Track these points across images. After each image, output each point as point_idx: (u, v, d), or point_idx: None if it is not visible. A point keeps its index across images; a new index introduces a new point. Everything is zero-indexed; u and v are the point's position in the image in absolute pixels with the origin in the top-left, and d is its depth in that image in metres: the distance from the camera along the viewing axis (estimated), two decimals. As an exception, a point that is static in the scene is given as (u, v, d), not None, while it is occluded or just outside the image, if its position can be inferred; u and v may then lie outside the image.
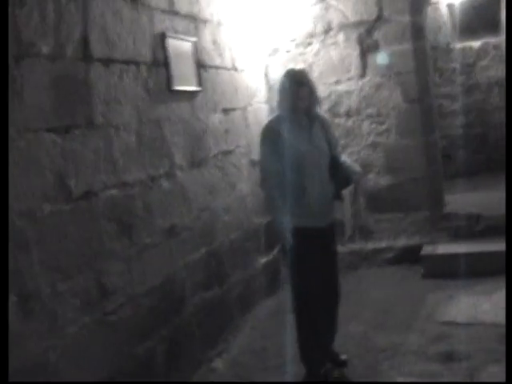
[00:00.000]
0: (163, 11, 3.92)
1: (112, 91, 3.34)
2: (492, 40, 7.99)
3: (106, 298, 3.18)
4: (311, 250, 3.55)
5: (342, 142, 5.56)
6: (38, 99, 2.78)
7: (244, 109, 5.16)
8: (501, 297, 4.56)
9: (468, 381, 3.51)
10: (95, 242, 3.13)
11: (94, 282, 3.10)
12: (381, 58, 5.48)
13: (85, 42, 3.13)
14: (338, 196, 3.70)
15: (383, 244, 5.62)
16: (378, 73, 5.48)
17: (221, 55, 4.76)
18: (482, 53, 8.00)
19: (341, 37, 5.55)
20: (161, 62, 3.85)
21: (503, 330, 3.98)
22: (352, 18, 5.50)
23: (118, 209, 3.34)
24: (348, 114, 5.64)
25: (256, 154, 5.29)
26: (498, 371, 3.49)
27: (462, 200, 5.98)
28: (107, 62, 3.31)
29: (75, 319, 2.93)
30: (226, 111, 4.78)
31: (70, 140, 2.97)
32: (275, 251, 5.60)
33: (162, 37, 3.87)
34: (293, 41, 5.70)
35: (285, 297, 5.25)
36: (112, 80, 3.35)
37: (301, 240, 3.48)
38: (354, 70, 5.55)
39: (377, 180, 5.62)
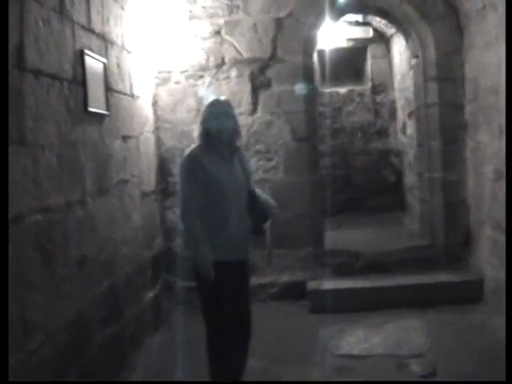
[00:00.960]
0: (82, 27, 3.67)
1: (40, 107, 3.03)
2: (357, 88, 8.56)
3: (29, 334, 2.83)
4: (229, 284, 3.50)
5: (231, 176, 5.53)
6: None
7: (137, 137, 4.96)
8: (390, 329, 4.82)
9: None
10: (21, 272, 2.78)
11: (17, 317, 2.73)
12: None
13: (19, 48, 2.82)
14: (258, 230, 3.69)
15: (267, 279, 5.64)
16: (268, 110, 5.57)
17: (122, 80, 4.55)
18: (347, 99, 8.52)
19: (233, 72, 5.58)
20: (79, 80, 3.58)
21: (399, 360, 4.24)
22: (246, 54, 5.56)
23: (41, 236, 3.01)
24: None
25: (146, 185, 5.13)
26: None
27: (336, 237, 6.23)
28: (37, 73, 3.01)
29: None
30: (124, 138, 4.56)
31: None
32: (159, 285, 5.41)
33: (81, 54, 3.61)
34: (183, 72, 5.62)
35: (170, 333, 5.11)
36: (41, 94, 3.04)
37: (219, 274, 3.39)
38: (245, 105, 5.59)
39: (264, 216, 5.64)
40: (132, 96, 4.83)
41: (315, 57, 7.50)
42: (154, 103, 5.57)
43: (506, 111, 2.25)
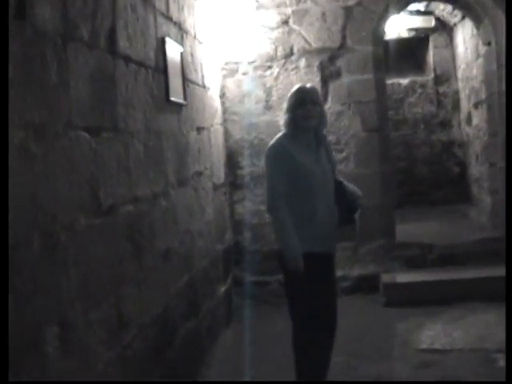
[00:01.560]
0: (162, 14, 3.61)
1: (130, 94, 2.97)
2: (419, 78, 8.37)
3: (124, 329, 2.77)
4: (317, 276, 3.37)
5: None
6: (80, 91, 2.39)
7: (209, 129, 4.89)
8: (470, 323, 4.66)
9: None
10: (116, 264, 2.72)
11: (115, 311, 2.68)
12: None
13: (112, 34, 2.77)
14: (348, 220, 3.56)
15: (339, 273, 5.49)
16: (338, 100, 5.45)
17: (195, 70, 4.49)
18: (409, 90, 8.34)
19: (302, 62, 5.47)
20: (161, 68, 3.53)
21: (485, 355, 4.08)
22: (315, 44, 5.46)
23: (133, 227, 2.95)
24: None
25: (217, 178, 5.07)
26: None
27: (404, 230, 6.06)
28: (127, 60, 2.96)
29: (102, 354, 2.50)
30: (198, 130, 4.50)
31: (100, 143, 2.58)
32: (230, 279, 5.36)
33: (163, 42, 3.55)
34: (251, 63, 5.54)
35: (242, 327, 5.04)
36: (130, 81, 2.99)
37: (308, 266, 3.28)
38: (316, 96, 5.47)
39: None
40: (204, 87, 4.77)
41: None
42: (222, 95, 5.50)
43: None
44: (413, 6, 7.36)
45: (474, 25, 6.16)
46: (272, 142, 3.46)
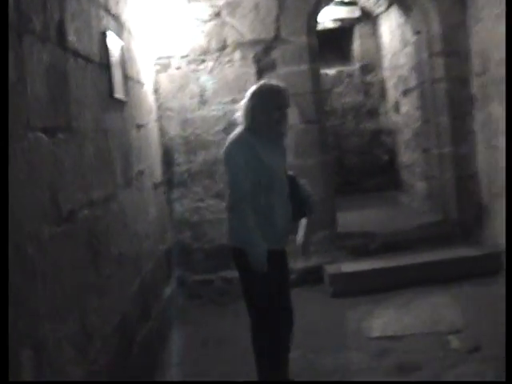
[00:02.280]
0: (102, 7, 3.42)
1: (80, 91, 2.79)
2: (346, 68, 8.44)
3: (89, 343, 2.60)
4: (277, 273, 3.34)
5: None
6: (37, 88, 2.20)
7: (146, 126, 4.72)
8: (419, 307, 4.73)
9: None
10: (78, 274, 2.55)
11: (80, 324, 2.51)
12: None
13: (61, 27, 2.57)
14: (300, 216, 3.53)
15: (283, 266, 5.49)
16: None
17: (132, 66, 4.31)
18: (336, 80, 8.39)
19: (237, 55, 5.37)
20: (104, 63, 3.34)
21: (438, 338, 4.15)
22: (249, 36, 5.36)
23: (90, 233, 2.78)
24: (249, 135, 5.46)
25: (155, 177, 4.91)
26: (459, 373, 3.61)
27: (343, 219, 6.10)
28: (76, 54, 2.77)
29: (71, 373, 2.33)
30: (138, 127, 4.32)
31: (56, 145, 2.39)
32: (174, 280, 5.22)
33: (104, 36, 3.36)
34: (184, 57, 5.38)
35: (191, 328, 4.92)
36: (80, 77, 2.80)
37: (268, 264, 3.21)
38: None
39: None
40: (139, 82, 4.59)
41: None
42: (156, 91, 5.32)
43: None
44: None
45: (402, 14, 6.26)
46: (233, 137, 3.31)
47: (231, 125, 5.39)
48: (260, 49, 5.38)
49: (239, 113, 3.35)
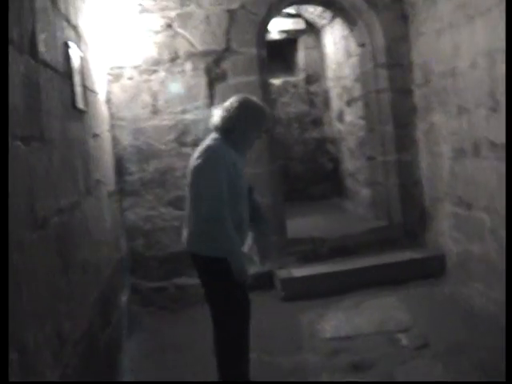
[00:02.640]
0: (64, 17, 3.46)
1: (50, 101, 2.84)
2: (291, 79, 8.65)
3: (63, 347, 2.65)
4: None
5: (191, 171, 5.50)
6: (15, 98, 2.24)
7: (101, 136, 4.75)
8: (369, 309, 4.93)
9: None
10: (52, 280, 2.60)
11: (55, 329, 2.55)
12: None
13: (33, 38, 2.62)
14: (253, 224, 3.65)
15: (236, 272, 5.60)
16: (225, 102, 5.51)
17: (88, 76, 4.34)
18: (282, 90, 8.58)
19: (188, 66, 5.47)
20: (68, 74, 3.38)
21: (389, 336, 4.35)
22: (200, 47, 5.47)
23: (59, 240, 2.82)
24: (195, 144, 5.48)
25: (109, 186, 4.94)
26: (410, 368, 3.82)
27: (292, 226, 6.27)
28: (45, 65, 2.81)
29: (49, 377, 2.38)
30: (94, 137, 4.36)
31: (31, 153, 2.44)
32: (128, 287, 5.25)
33: (66, 46, 3.41)
34: (136, 67, 5.44)
35: (143, 336, 4.95)
36: (49, 87, 2.85)
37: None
38: (202, 99, 5.51)
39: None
40: (94, 92, 4.62)
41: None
42: (108, 100, 5.35)
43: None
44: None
45: (346, 27, 6.50)
46: (212, 146, 3.30)
47: (183, 134, 5.51)
48: (211, 60, 5.50)
49: (217, 118, 3.40)
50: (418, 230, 5.88)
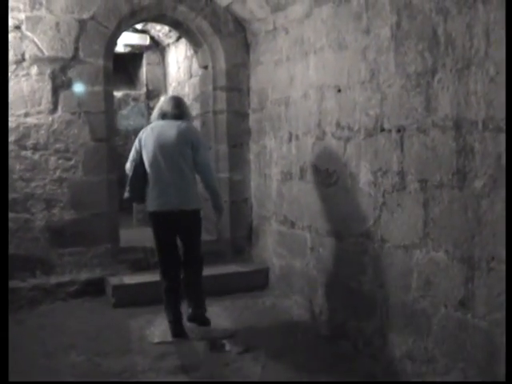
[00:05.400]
0: None
1: None
2: (132, 92, 8.72)
3: None
4: None
5: (28, 175, 5.52)
6: None
7: None
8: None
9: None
10: None
11: None
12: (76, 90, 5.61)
13: None
14: None
15: (66, 278, 5.62)
16: (68, 109, 5.55)
17: None
18: (122, 103, 8.63)
19: (34, 69, 5.42)
20: None
21: (214, 342, 4.63)
22: (47, 52, 5.44)
23: None
24: (35, 148, 5.51)
25: None
26: (233, 370, 4.13)
27: (125, 235, 6.39)
28: None
29: None
30: None
31: None
32: None
33: None
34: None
35: None
36: None
37: None
38: (46, 104, 5.48)
39: (61, 215, 5.63)
40: None
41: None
42: None
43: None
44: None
45: (190, 48, 6.80)
46: (191, 126, 4.67)
47: (23, 137, 5.45)
48: (58, 66, 5.49)
49: (173, 109, 4.64)
50: (245, 245, 6.28)
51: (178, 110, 4.64)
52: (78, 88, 5.53)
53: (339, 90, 4.40)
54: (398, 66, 3.72)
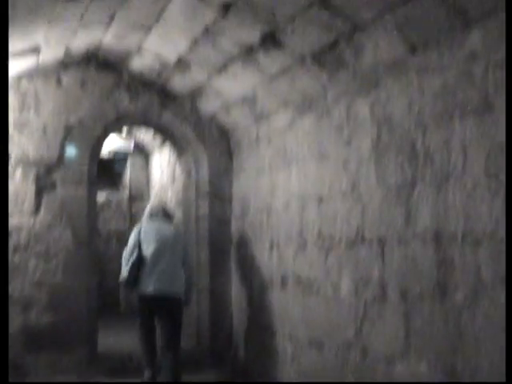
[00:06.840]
0: None
1: None
2: (115, 196, 8.77)
3: None
4: None
5: (6, 277, 5.36)
6: None
7: None
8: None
9: None
10: None
11: None
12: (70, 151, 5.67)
13: None
14: None
15: (40, 384, 5.41)
16: (51, 212, 5.56)
17: None
18: (105, 206, 8.66)
19: (19, 171, 5.48)
20: None
21: None
22: (32, 155, 5.54)
23: None
24: (16, 249, 5.46)
25: None
26: None
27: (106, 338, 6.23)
28: None
29: None
30: None
31: None
32: None
33: None
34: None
35: None
36: None
37: None
38: (28, 206, 5.50)
39: (38, 318, 5.50)
40: None
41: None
42: None
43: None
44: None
45: (175, 153, 6.93)
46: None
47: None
48: (42, 169, 5.57)
49: (163, 210, 5.48)
50: (225, 353, 6.11)
51: (166, 213, 5.52)
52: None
53: (321, 200, 4.46)
54: (378, 177, 3.80)
